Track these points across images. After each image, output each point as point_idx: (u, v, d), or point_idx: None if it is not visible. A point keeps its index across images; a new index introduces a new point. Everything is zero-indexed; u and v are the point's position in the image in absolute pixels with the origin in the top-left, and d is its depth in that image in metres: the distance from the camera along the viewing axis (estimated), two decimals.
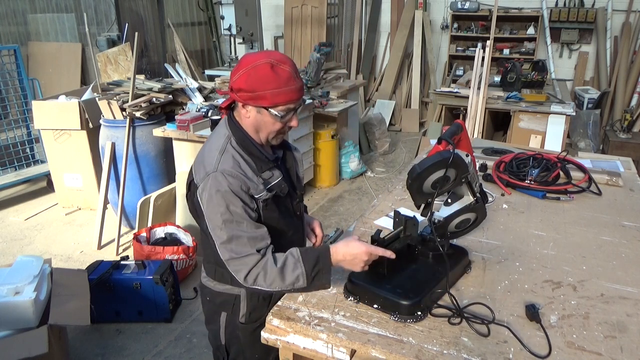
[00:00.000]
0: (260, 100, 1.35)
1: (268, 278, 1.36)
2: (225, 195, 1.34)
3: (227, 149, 1.41)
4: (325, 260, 1.39)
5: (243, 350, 1.63)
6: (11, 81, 4.86)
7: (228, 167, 1.37)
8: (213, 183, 1.36)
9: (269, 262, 1.36)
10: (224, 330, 1.61)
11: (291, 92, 1.36)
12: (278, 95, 1.34)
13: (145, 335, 2.89)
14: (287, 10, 7.28)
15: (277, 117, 1.37)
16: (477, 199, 1.64)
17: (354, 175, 5.36)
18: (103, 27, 6.84)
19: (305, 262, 1.37)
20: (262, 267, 1.36)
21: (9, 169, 4.87)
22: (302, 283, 1.37)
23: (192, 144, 3.53)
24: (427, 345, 1.26)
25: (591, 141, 5.83)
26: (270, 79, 1.33)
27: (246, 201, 1.37)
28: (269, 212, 1.44)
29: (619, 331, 1.32)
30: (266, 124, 1.40)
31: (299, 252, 1.39)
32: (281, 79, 1.34)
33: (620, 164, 2.73)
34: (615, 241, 1.82)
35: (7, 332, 2.23)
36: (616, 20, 6.51)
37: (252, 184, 1.39)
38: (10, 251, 3.86)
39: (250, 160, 1.42)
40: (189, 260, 3.34)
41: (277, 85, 1.33)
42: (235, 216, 1.35)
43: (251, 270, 1.36)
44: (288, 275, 1.36)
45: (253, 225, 1.38)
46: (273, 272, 1.35)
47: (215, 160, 1.39)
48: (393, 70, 7.40)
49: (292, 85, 1.35)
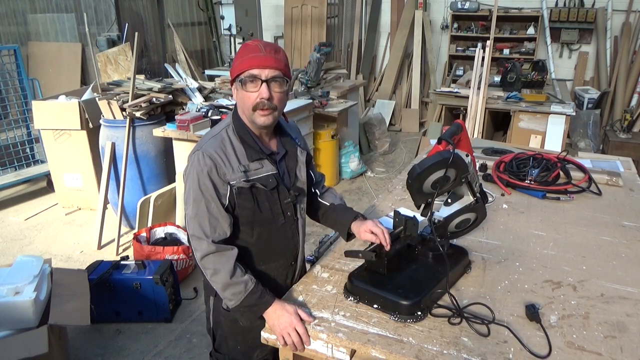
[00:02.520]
0: (232, 75, 1.43)
1: (214, 278, 1.43)
2: (200, 175, 1.41)
3: (219, 134, 1.48)
4: (257, 312, 1.42)
5: (226, 337, 1.66)
6: (11, 81, 4.86)
7: (210, 148, 1.43)
8: (193, 161, 1.44)
9: (222, 271, 1.41)
10: (212, 313, 1.67)
11: (252, 59, 1.38)
12: (241, 64, 1.39)
13: (145, 335, 2.89)
14: (287, 10, 7.28)
15: (240, 85, 1.40)
16: (477, 199, 1.64)
17: (354, 175, 5.36)
18: (103, 27, 6.84)
19: (245, 299, 1.41)
20: (214, 267, 1.42)
21: (9, 169, 4.87)
22: (231, 305, 1.45)
23: (192, 144, 3.52)
24: (427, 345, 1.26)
25: (591, 141, 5.83)
26: (240, 53, 1.42)
27: (217, 185, 1.43)
28: (242, 201, 1.46)
29: (619, 331, 1.32)
30: (242, 99, 1.43)
31: (251, 287, 1.42)
32: (247, 50, 1.41)
33: (620, 164, 2.73)
34: (615, 241, 1.82)
35: (7, 332, 2.23)
36: (616, 20, 6.51)
37: (229, 169, 1.43)
38: (10, 251, 3.86)
39: (241, 148, 1.46)
40: (189, 260, 3.34)
41: (242, 55, 1.41)
42: (205, 195, 1.42)
43: (204, 257, 1.43)
44: (228, 292, 1.43)
45: (218, 210, 1.43)
46: (220, 280, 1.42)
47: (205, 141, 1.47)
48: (393, 70, 7.40)
49: (254, 54, 1.39)
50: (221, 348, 1.69)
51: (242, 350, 1.64)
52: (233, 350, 1.66)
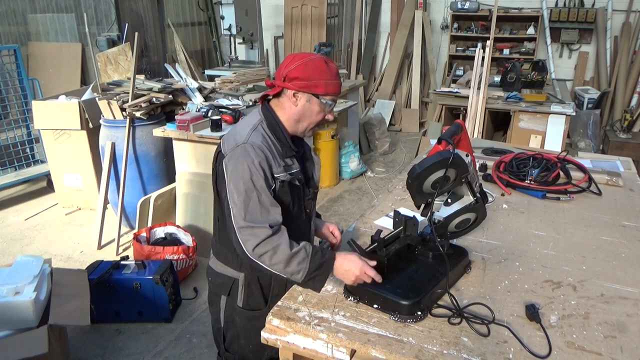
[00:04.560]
0: (314, 88, 1.47)
1: (275, 258, 1.39)
2: (250, 166, 1.42)
3: (258, 128, 1.51)
4: (327, 270, 1.43)
5: (238, 335, 1.67)
6: (11, 81, 4.86)
7: (257, 141, 1.46)
8: (242, 153, 1.44)
9: (282, 245, 1.40)
10: (223, 312, 1.68)
11: (339, 86, 1.52)
12: (330, 86, 1.48)
13: (145, 335, 2.89)
14: (287, 10, 7.28)
15: (325, 105, 1.51)
16: (477, 199, 1.64)
17: (354, 175, 5.36)
18: (103, 27, 6.83)
19: (311, 263, 1.41)
20: (272, 247, 1.39)
21: (9, 169, 4.87)
22: (300, 278, 1.42)
23: (192, 144, 3.53)
24: (427, 345, 1.26)
25: (591, 141, 5.83)
26: (325, 70, 1.48)
27: (268, 177, 1.45)
28: (282, 195, 1.50)
29: (619, 331, 1.32)
30: (312, 113, 1.51)
31: (310, 250, 1.43)
32: (332, 72, 1.49)
33: (620, 164, 2.73)
34: (615, 241, 1.82)
35: (7, 332, 2.23)
36: (616, 20, 6.51)
37: (275, 162, 1.47)
38: (10, 251, 3.86)
39: (277, 144, 1.51)
40: (189, 260, 3.34)
41: (330, 77, 1.48)
42: (257, 186, 1.42)
43: (260, 243, 1.39)
44: (293, 265, 1.40)
45: (270, 199, 1.44)
46: (282, 256, 1.39)
47: (247, 134, 1.48)
48: (393, 70, 7.40)
49: (339, 80, 1.52)
50: (232, 347, 1.70)
51: (254, 349, 1.66)
52: (245, 348, 1.68)
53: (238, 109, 3.90)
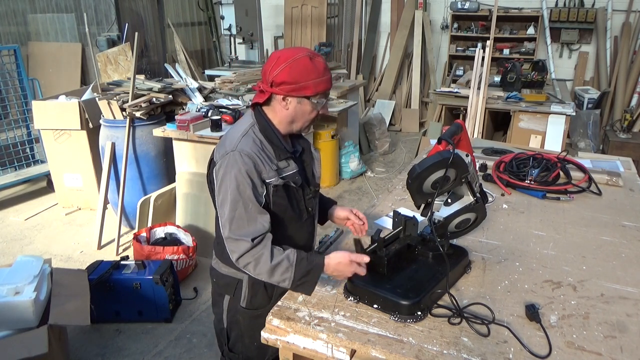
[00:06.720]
0: (303, 90, 1.44)
1: (257, 269, 1.42)
2: (237, 176, 1.41)
3: (249, 133, 1.49)
4: (315, 275, 1.44)
5: (242, 335, 1.68)
6: (11, 81, 4.86)
7: (246, 148, 1.44)
8: (230, 161, 1.43)
9: (264, 256, 1.41)
10: (226, 313, 1.68)
11: (328, 81, 1.48)
12: (319, 85, 1.45)
13: (145, 335, 2.89)
14: (287, 10, 7.28)
15: (317, 104, 1.48)
16: (477, 199, 1.64)
17: (354, 175, 5.36)
18: (103, 27, 6.83)
19: (297, 270, 1.41)
20: (254, 258, 1.41)
21: (9, 169, 4.87)
22: (287, 285, 1.44)
23: (192, 144, 3.53)
24: (427, 345, 1.26)
25: (591, 141, 5.83)
26: (311, 70, 1.43)
27: (256, 184, 1.44)
28: (277, 199, 1.49)
29: (619, 331, 1.32)
30: (304, 113, 1.49)
31: (295, 258, 1.42)
32: (319, 69, 1.45)
33: (620, 164, 2.73)
34: (615, 241, 1.82)
35: (7, 332, 2.23)
36: (616, 20, 6.51)
37: (266, 168, 1.46)
38: (10, 251, 3.86)
39: (270, 147, 1.49)
40: (189, 260, 3.34)
41: (317, 76, 1.44)
42: (243, 197, 1.41)
43: (242, 256, 1.42)
44: (277, 275, 1.42)
45: (257, 209, 1.44)
46: (264, 267, 1.41)
47: (237, 140, 1.47)
48: (393, 70, 7.40)
49: (327, 75, 1.48)
50: (236, 347, 1.71)
51: (258, 348, 1.65)
52: (249, 347, 1.68)
53: (238, 109, 3.90)
